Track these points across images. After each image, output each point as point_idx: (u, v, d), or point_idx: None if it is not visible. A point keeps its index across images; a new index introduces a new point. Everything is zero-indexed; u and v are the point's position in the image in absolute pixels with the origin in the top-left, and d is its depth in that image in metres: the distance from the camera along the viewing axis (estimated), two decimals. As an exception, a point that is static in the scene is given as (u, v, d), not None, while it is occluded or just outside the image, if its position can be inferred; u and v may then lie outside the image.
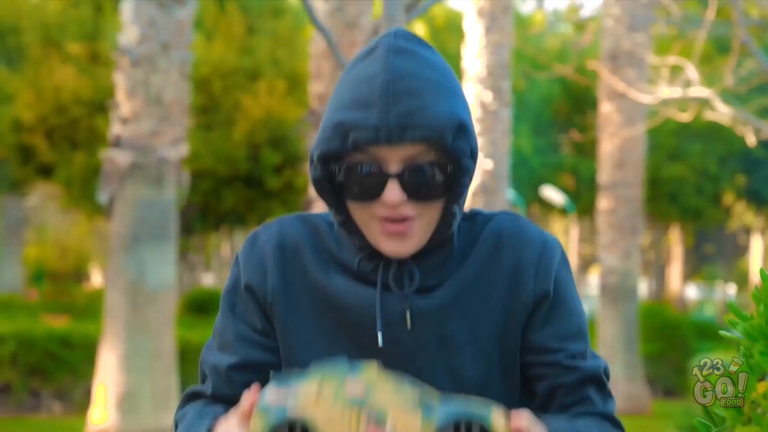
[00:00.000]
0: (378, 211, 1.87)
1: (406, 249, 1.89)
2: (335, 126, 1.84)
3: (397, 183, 1.84)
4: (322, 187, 1.91)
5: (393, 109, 1.81)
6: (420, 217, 1.89)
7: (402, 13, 5.59)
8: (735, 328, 1.80)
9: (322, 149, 1.86)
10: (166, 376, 10.34)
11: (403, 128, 1.80)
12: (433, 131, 1.81)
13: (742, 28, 8.32)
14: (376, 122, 1.81)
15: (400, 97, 1.81)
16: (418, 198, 1.86)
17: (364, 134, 1.81)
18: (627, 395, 17.26)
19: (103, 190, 10.42)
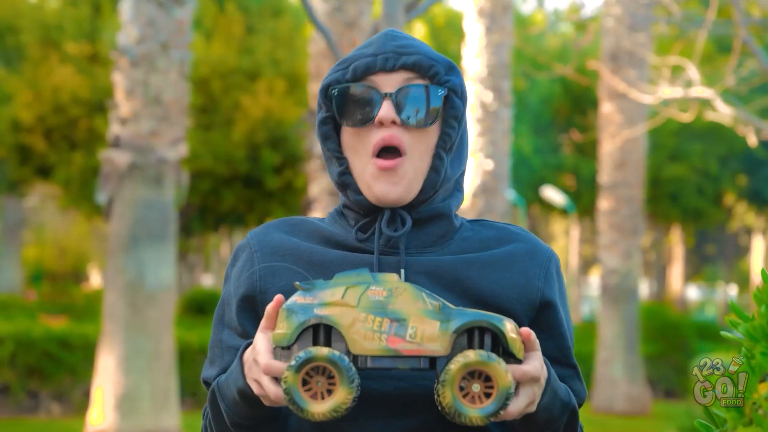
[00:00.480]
0: (372, 140, 1.96)
1: (398, 190, 1.96)
2: (339, 63, 2.02)
3: (391, 102, 1.96)
4: (326, 131, 2.02)
5: (390, 43, 2.00)
6: (410, 156, 1.97)
7: (402, 12, 5.60)
8: (736, 328, 1.80)
9: (325, 81, 2.01)
10: (165, 377, 10.34)
11: (399, 54, 1.98)
12: (427, 58, 1.98)
13: (743, 27, 8.32)
14: (373, 51, 1.99)
15: (398, 38, 2.02)
16: (409, 118, 1.96)
17: (363, 61, 1.98)
18: (628, 396, 17.27)
19: (102, 190, 10.42)
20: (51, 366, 14.68)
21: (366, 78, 1.98)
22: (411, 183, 1.97)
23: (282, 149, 23.93)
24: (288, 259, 2.02)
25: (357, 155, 1.99)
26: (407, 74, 1.98)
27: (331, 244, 2.04)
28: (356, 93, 1.97)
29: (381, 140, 1.95)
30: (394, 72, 1.97)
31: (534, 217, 38.66)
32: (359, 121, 1.97)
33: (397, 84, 1.97)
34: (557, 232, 52.98)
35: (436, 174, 1.99)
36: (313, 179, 9.86)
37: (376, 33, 6.05)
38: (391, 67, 1.97)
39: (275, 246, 2.04)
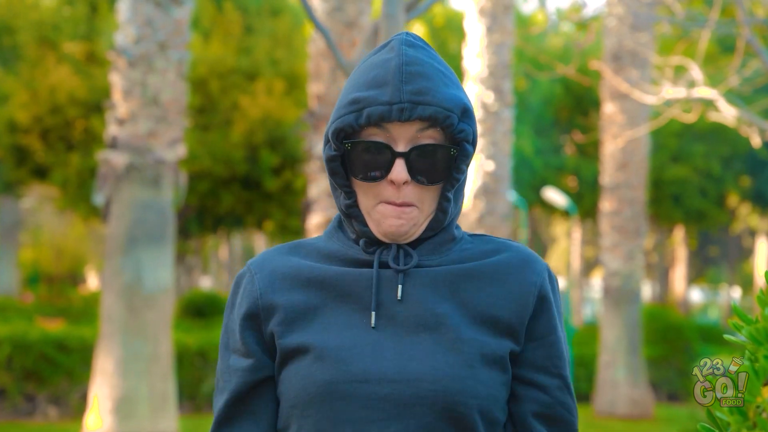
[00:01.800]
0: (383, 192, 2.00)
1: (405, 230, 2.01)
2: (350, 103, 1.99)
3: (404, 162, 1.98)
4: (334, 167, 2.03)
5: (406, 87, 1.96)
6: (420, 207, 2.01)
7: (402, 12, 5.59)
8: (740, 331, 1.80)
9: (337, 125, 2.00)
10: (163, 381, 10.34)
11: (415, 105, 1.96)
12: (442, 109, 1.96)
13: (747, 27, 8.32)
14: (389, 98, 1.96)
15: (413, 78, 1.97)
16: (421, 179, 1.99)
17: (378, 109, 1.96)
18: (630, 399, 17.26)
19: (99, 191, 10.42)
20: (48, 369, 14.68)
21: (379, 126, 1.99)
22: (419, 224, 2.03)
23: (281, 150, 23.92)
24: (287, 278, 2.06)
25: (365, 196, 2.03)
26: (422, 127, 1.99)
27: (331, 260, 2.08)
28: (371, 149, 1.99)
29: (392, 195, 2.00)
30: (408, 122, 1.98)
31: (535, 218, 38.66)
32: (371, 178, 2.00)
33: (409, 134, 1.99)
34: (559, 233, 53.00)
35: (443, 214, 2.04)
36: (313, 180, 9.87)
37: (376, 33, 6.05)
38: (406, 119, 1.97)
39: (274, 267, 2.09)
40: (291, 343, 2.01)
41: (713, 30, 9.69)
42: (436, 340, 1.97)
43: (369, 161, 1.99)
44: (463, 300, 2.02)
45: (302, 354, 1.99)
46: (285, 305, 2.03)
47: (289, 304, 2.03)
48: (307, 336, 2.00)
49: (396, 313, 2.00)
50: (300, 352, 2.00)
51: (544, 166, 27.84)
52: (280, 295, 2.04)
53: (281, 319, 2.03)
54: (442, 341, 1.97)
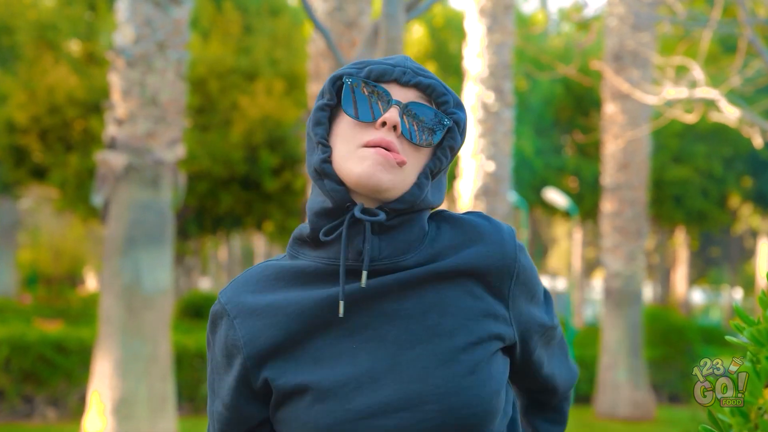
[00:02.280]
0: (368, 137, 1.97)
1: (382, 175, 1.96)
2: (355, 62, 2.05)
3: (398, 111, 1.98)
4: (321, 117, 2.03)
5: (410, 63, 2.04)
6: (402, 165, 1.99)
7: (402, 12, 5.60)
8: (741, 333, 1.80)
9: (337, 72, 2.03)
10: (162, 382, 10.34)
11: (416, 73, 2.02)
12: (441, 86, 2.02)
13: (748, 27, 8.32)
14: (394, 62, 2.03)
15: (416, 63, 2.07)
16: (411, 133, 1.99)
17: (380, 67, 2.01)
18: (631, 401, 17.26)
19: (97, 192, 10.42)
20: (46, 370, 14.68)
21: (379, 83, 2.01)
22: (396, 181, 1.98)
23: (280, 150, 23.92)
24: (267, 316, 2.02)
25: (345, 143, 1.99)
26: (419, 94, 2.01)
27: (303, 279, 2.03)
28: (368, 90, 2.00)
29: (377, 140, 1.96)
30: (407, 87, 2.01)
31: (536, 219, 38.66)
32: (363, 115, 1.98)
33: (408, 99, 2.01)
34: (560, 234, 52.99)
35: (418, 190, 2.00)
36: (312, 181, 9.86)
37: (375, 33, 6.05)
38: (406, 82, 2.00)
39: (251, 307, 2.04)
40: (287, 384, 1.97)
41: (715, 30, 9.69)
42: (431, 352, 1.95)
43: (365, 100, 1.99)
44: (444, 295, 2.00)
45: (299, 395, 1.96)
46: (272, 348, 1.99)
47: (276, 344, 1.99)
48: (302, 375, 1.96)
49: (384, 331, 1.96)
50: (297, 393, 1.97)
51: (545, 167, 27.84)
52: (264, 339, 2.00)
53: (271, 362, 1.99)
54: (438, 352, 1.95)
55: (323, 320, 1.98)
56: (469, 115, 13.92)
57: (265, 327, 2.00)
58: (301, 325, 1.98)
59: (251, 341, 2.01)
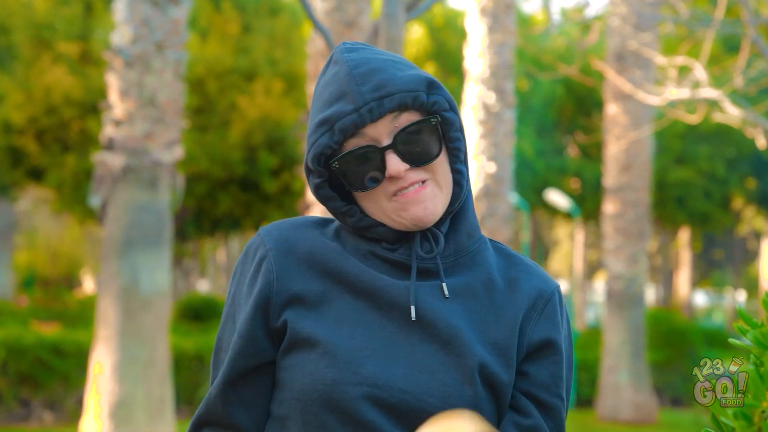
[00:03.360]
0: (389, 189, 1.98)
1: (430, 212, 1.99)
2: (319, 125, 1.98)
3: (394, 154, 1.97)
4: (325, 194, 2.02)
5: (364, 88, 1.95)
6: (433, 179, 2.00)
7: (402, 12, 5.60)
8: (745, 335, 1.80)
9: (315, 151, 1.98)
10: (160, 385, 10.33)
11: (380, 100, 1.95)
12: (406, 93, 1.96)
13: (752, 27, 8.32)
14: (354, 105, 1.95)
15: (366, 77, 1.97)
16: (418, 161, 1.98)
17: (348, 119, 1.95)
18: (633, 404, 17.26)
19: (95, 193, 10.42)
20: (43, 373, 14.68)
21: (355, 135, 1.98)
22: (438, 200, 2.01)
23: (279, 151, 23.93)
24: (305, 262, 2.04)
25: (373, 203, 2.02)
26: (393, 114, 1.98)
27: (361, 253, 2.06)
28: (357, 157, 1.98)
29: (399, 186, 1.99)
30: (381, 118, 1.97)
31: (537, 221, 38.65)
32: (371, 184, 1.99)
33: (387, 129, 1.98)
34: (561, 236, 52.98)
35: (459, 188, 2.04)
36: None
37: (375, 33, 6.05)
38: (377, 117, 1.96)
39: (291, 247, 2.06)
40: (302, 332, 1.98)
41: (718, 30, 9.70)
42: (447, 354, 1.98)
43: (362, 169, 1.98)
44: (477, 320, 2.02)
45: (312, 346, 1.98)
46: (300, 293, 2.01)
47: (305, 292, 2.01)
48: (320, 328, 1.98)
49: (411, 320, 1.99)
50: (309, 344, 1.98)
51: (546, 168, 27.84)
52: (296, 282, 2.02)
53: (295, 306, 2.01)
54: (453, 356, 1.97)
55: (359, 288, 2.01)
56: (470, 115, 13.92)
57: (300, 271, 2.03)
58: (337, 284, 2.01)
59: (282, 278, 2.02)
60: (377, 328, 1.98)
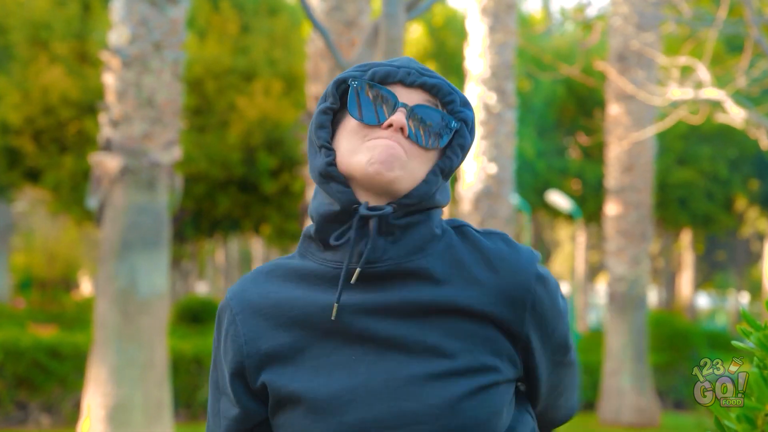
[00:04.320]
0: (371, 134, 1.99)
1: (392, 171, 1.96)
2: (358, 65, 2.04)
3: (405, 113, 1.99)
4: (324, 120, 2.04)
5: (414, 64, 2.04)
6: (409, 159, 1.99)
7: (402, 12, 5.60)
8: (748, 338, 1.80)
9: (341, 75, 2.03)
10: (158, 388, 10.33)
11: (421, 74, 2.01)
12: (447, 86, 2.03)
13: (755, 27, 8.33)
14: (398, 64, 2.03)
15: (421, 65, 2.06)
16: (416, 135, 1.99)
17: (384, 69, 2.02)
18: (636, 407, 17.26)
19: (92, 195, 10.42)
20: (40, 376, 14.68)
21: (384, 85, 2.01)
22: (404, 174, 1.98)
23: (279, 152, 23.93)
24: (270, 318, 2.02)
25: (353, 140, 2.00)
26: (424, 95, 2.01)
27: (307, 281, 2.03)
28: (374, 92, 2.00)
29: (386, 137, 1.98)
30: (412, 88, 2.01)
31: (539, 222, 38.66)
32: (369, 118, 1.99)
33: (414, 101, 2.00)
34: (563, 237, 52.99)
35: (427, 186, 2.00)
36: (311, 183, 9.87)
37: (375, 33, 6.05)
38: (411, 83, 2.00)
39: (256, 306, 2.04)
40: (283, 390, 1.98)
41: (721, 30, 9.70)
42: (430, 372, 1.93)
43: (371, 103, 2.00)
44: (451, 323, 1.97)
45: (295, 404, 1.97)
46: (272, 351, 2.00)
47: (277, 348, 1.99)
48: (299, 382, 1.96)
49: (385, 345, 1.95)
50: (292, 401, 1.97)
51: (548, 169, 27.85)
52: (265, 341, 2.01)
53: (270, 365, 2.00)
54: (437, 373, 1.93)
55: (326, 328, 1.98)
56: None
57: (268, 328, 2.01)
58: (304, 331, 1.98)
59: (252, 340, 2.02)
60: (354, 364, 1.95)
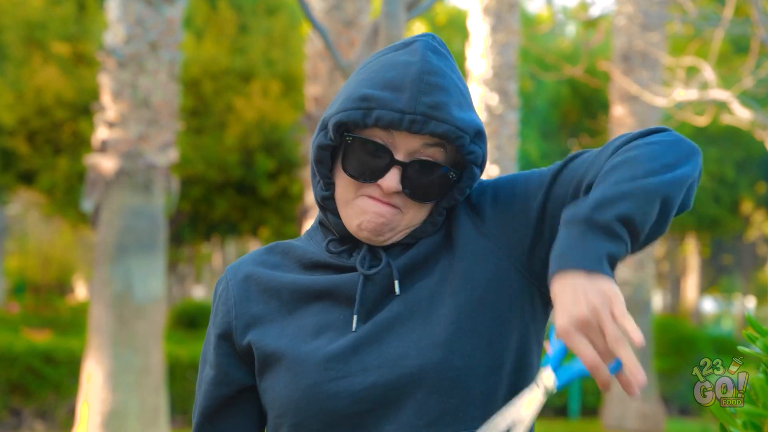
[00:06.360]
0: (367, 189, 1.99)
1: (377, 237, 2.00)
2: (361, 99, 1.95)
3: (399, 172, 1.97)
4: (322, 156, 2.02)
5: (423, 99, 1.93)
6: (405, 214, 2.00)
7: (403, 11, 5.60)
8: (754, 343, 1.80)
9: (341, 117, 1.97)
10: (154, 394, 10.33)
11: (428, 119, 1.93)
12: (455, 129, 1.95)
13: (761, 27, 8.33)
14: (404, 106, 1.93)
15: (432, 90, 1.94)
16: (413, 196, 1.98)
17: (389, 115, 1.93)
18: (640, 414, 17.25)
19: (87, 197, 10.42)
20: (34, 382, 14.67)
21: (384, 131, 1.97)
22: (397, 230, 2.02)
23: (277, 154, 23.91)
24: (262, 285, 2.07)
25: (347, 189, 2.02)
26: (430, 140, 1.98)
27: (307, 265, 2.08)
28: (369, 150, 1.98)
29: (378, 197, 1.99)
30: (417, 134, 1.96)
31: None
32: (361, 177, 1.99)
33: (413, 146, 1.97)
34: (566, 241, 52.91)
35: (432, 227, 2.04)
36: (309, 186, 9.86)
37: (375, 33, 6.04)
38: (416, 131, 1.95)
39: (249, 273, 2.09)
40: (267, 348, 2.01)
41: (727, 29, 9.71)
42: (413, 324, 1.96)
43: (365, 160, 1.98)
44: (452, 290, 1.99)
45: (280, 360, 1.99)
46: (259, 313, 2.04)
47: (264, 311, 2.04)
48: (284, 340, 2.00)
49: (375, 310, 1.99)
50: (276, 359, 2.00)
51: (551, 171, 27.80)
52: (254, 304, 2.05)
53: (256, 326, 2.03)
54: (420, 322, 1.96)
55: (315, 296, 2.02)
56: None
57: (258, 293, 2.06)
58: (294, 299, 2.03)
59: (241, 301, 2.06)
60: (341, 325, 1.99)
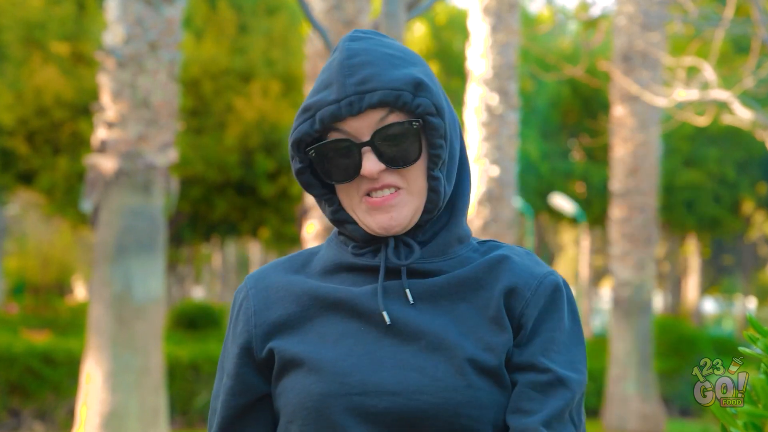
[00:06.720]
0: (362, 186, 2.01)
1: (396, 222, 2.01)
2: (302, 111, 2.00)
3: (371, 152, 1.98)
4: (306, 180, 2.05)
5: (349, 81, 1.97)
6: (407, 188, 2.01)
7: (403, 11, 5.60)
8: (755, 343, 1.80)
9: (294, 136, 2.01)
10: (153, 395, 10.33)
11: (362, 95, 1.96)
12: (390, 91, 1.96)
13: (762, 26, 8.33)
14: (336, 96, 1.97)
15: (355, 69, 1.98)
16: (395, 162, 1.99)
17: (328, 110, 1.97)
18: (641, 414, 17.25)
19: (87, 197, 10.41)
20: (33, 383, 14.67)
21: (335, 125, 1.99)
22: (411, 211, 2.02)
23: (277, 154, 23.93)
24: (282, 291, 2.08)
25: (347, 196, 2.03)
26: (376, 112, 1.98)
27: (330, 269, 2.09)
28: (334, 149, 2.00)
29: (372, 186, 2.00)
30: (362, 114, 1.97)
31: (542, 226, 38.65)
32: (345, 178, 2.00)
33: (369, 126, 1.98)
34: (566, 241, 52.96)
35: (436, 195, 2.02)
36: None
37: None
38: (357, 111, 1.96)
39: (270, 282, 2.10)
40: (287, 354, 2.01)
41: (727, 29, 9.70)
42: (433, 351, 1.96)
43: (337, 162, 1.99)
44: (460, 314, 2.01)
45: (297, 366, 2.00)
46: (280, 320, 2.05)
47: (285, 317, 2.04)
48: (304, 347, 2.00)
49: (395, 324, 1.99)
50: (295, 364, 2.00)
51: (551, 171, 27.85)
52: (274, 311, 2.06)
53: (278, 333, 2.04)
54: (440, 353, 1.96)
55: (337, 302, 2.03)
56: (473, 117, 13.92)
57: (278, 300, 2.07)
58: (316, 305, 2.04)
59: (261, 310, 2.07)
60: (361, 335, 1.99)
